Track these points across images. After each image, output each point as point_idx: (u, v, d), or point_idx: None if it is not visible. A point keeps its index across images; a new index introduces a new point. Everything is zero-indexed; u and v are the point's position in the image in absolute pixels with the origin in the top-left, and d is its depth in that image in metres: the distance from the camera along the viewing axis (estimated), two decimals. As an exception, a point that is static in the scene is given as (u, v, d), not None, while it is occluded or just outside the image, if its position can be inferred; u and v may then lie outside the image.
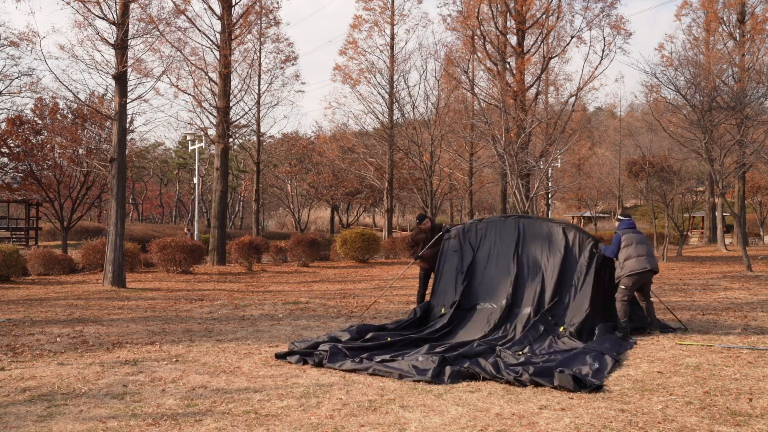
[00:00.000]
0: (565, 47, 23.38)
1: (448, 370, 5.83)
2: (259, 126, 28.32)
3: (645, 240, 8.34)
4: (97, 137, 23.68)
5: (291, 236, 23.52)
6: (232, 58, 22.31)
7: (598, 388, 5.42)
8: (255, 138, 31.69)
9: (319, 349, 6.77)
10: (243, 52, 23.89)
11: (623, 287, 8.12)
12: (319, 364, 6.45)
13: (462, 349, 6.84)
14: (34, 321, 9.85)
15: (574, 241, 8.38)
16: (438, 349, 6.72)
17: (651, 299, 8.46)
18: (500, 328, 7.86)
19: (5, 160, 24.58)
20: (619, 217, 8.78)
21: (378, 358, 6.41)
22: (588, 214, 47.42)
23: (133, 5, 14.95)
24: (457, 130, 25.51)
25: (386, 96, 28.77)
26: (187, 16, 20.94)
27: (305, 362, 6.54)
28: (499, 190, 26.47)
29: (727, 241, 30.90)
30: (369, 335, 7.49)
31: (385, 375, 5.97)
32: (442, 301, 8.68)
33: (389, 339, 7.37)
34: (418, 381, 5.73)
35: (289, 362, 6.63)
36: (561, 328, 7.59)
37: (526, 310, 7.99)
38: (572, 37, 22.89)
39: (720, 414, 4.70)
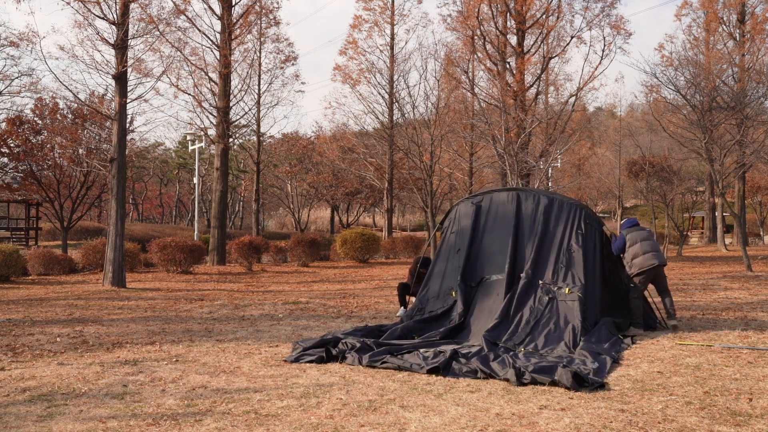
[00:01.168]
0: (565, 47, 23.36)
1: (455, 364, 6.18)
2: (259, 126, 28.32)
3: (649, 236, 8.53)
4: (97, 137, 23.68)
5: (291, 236, 23.52)
6: (232, 58, 22.32)
7: (600, 387, 5.44)
8: (255, 138, 31.68)
9: (346, 341, 6.95)
10: (243, 52, 23.91)
11: (633, 285, 8.36)
12: (342, 358, 6.63)
13: (473, 348, 6.95)
14: (34, 321, 9.85)
15: (571, 213, 8.45)
16: (453, 347, 6.93)
17: (669, 293, 8.63)
18: (508, 301, 7.95)
19: (5, 160, 24.58)
20: (621, 223, 9.00)
21: (396, 352, 6.67)
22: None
23: (133, 5, 14.95)
24: (457, 130, 25.49)
25: (386, 96, 28.77)
26: (187, 16, 20.96)
27: (323, 360, 6.61)
28: (499, 190, 26.38)
29: (727, 241, 30.90)
30: (391, 333, 7.68)
31: (403, 368, 6.23)
32: (449, 284, 8.71)
33: (415, 337, 7.62)
34: (429, 371, 6.05)
35: (307, 362, 6.64)
36: (567, 290, 7.76)
37: (529, 275, 8.09)
38: (572, 37, 22.87)
39: (720, 414, 4.70)
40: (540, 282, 7.96)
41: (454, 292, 8.51)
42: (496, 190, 9.16)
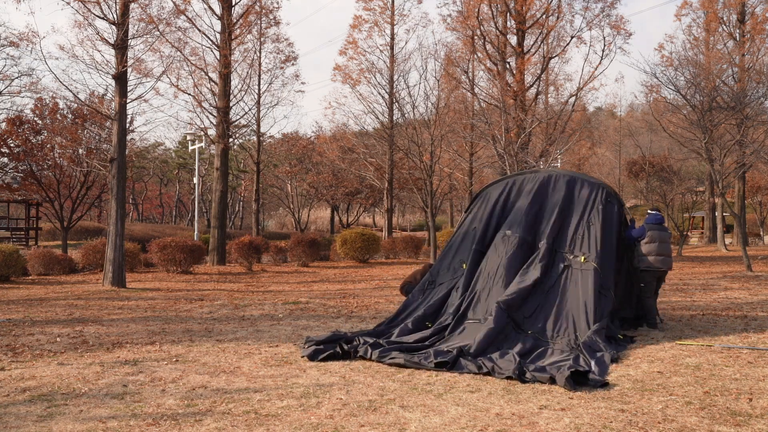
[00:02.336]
0: (565, 47, 23.37)
1: (462, 361, 6.29)
2: (259, 126, 28.31)
3: (668, 239, 8.68)
4: (97, 137, 23.67)
5: (291, 236, 23.51)
6: (232, 58, 22.31)
7: (603, 385, 5.47)
8: (255, 138, 31.68)
9: (359, 337, 7.16)
10: (243, 52, 23.91)
11: (643, 285, 8.48)
12: (354, 352, 6.78)
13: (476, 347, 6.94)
14: (34, 321, 9.85)
15: (592, 191, 8.42)
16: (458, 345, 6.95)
17: (657, 296, 8.77)
18: (522, 271, 7.89)
19: (5, 160, 24.57)
20: (649, 210, 9.09)
21: (405, 351, 6.78)
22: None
23: (133, 5, 14.94)
24: (457, 130, 25.49)
25: (386, 96, 28.76)
26: (187, 16, 20.95)
27: (337, 355, 6.74)
28: (499, 190, 26.32)
29: (727, 241, 30.89)
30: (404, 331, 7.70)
31: (411, 363, 6.34)
32: (461, 257, 8.69)
33: (428, 324, 7.69)
34: (437, 365, 6.23)
35: (321, 359, 6.69)
36: (582, 258, 7.75)
37: (543, 242, 8.06)
38: (572, 37, 22.88)
39: (720, 414, 4.70)
40: (558, 251, 7.96)
41: (464, 264, 8.51)
42: (521, 173, 9.16)
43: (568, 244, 7.98)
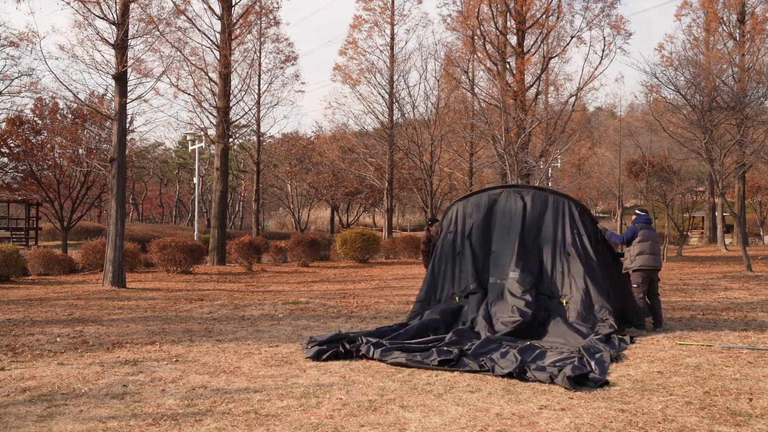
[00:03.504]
0: (565, 47, 23.35)
1: (464, 360, 6.35)
2: (259, 126, 28.31)
3: (657, 238, 8.75)
4: (97, 137, 23.67)
5: (291, 236, 23.51)
6: (232, 58, 22.31)
7: (603, 384, 5.48)
8: (255, 138, 31.69)
9: (362, 336, 7.21)
10: (243, 52, 23.91)
11: (636, 285, 8.45)
12: (356, 351, 6.82)
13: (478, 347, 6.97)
14: (34, 321, 9.85)
15: (567, 210, 8.38)
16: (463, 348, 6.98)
17: (659, 297, 8.75)
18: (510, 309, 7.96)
19: (5, 160, 24.57)
20: (637, 210, 9.09)
21: (406, 351, 6.82)
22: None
23: (133, 5, 14.94)
24: (457, 130, 25.51)
25: (386, 96, 28.78)
26: (187, 16, 20.95)
27: (339, 355, 6.78)
28: (499, 190, 26.29)
29: (727, 241, 30.89)
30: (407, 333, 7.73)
31: (413, 362, 6.40)
32: (452, 289, 8.83)
33: (430, 334, 7.70)
34: (441, 363, 6.29)
35: (325, 359, 6.72)
36: (564, 301, 7.83)
37: (528, 283, 8.08)
38: (572, 37, 22.86)
39: (720, 414, 4.70)
40: (540, 294, 7.99)
41: (458, 298, 8.62)
42: (491, 188, 9.19)
43: (549, 285, 8.02)
